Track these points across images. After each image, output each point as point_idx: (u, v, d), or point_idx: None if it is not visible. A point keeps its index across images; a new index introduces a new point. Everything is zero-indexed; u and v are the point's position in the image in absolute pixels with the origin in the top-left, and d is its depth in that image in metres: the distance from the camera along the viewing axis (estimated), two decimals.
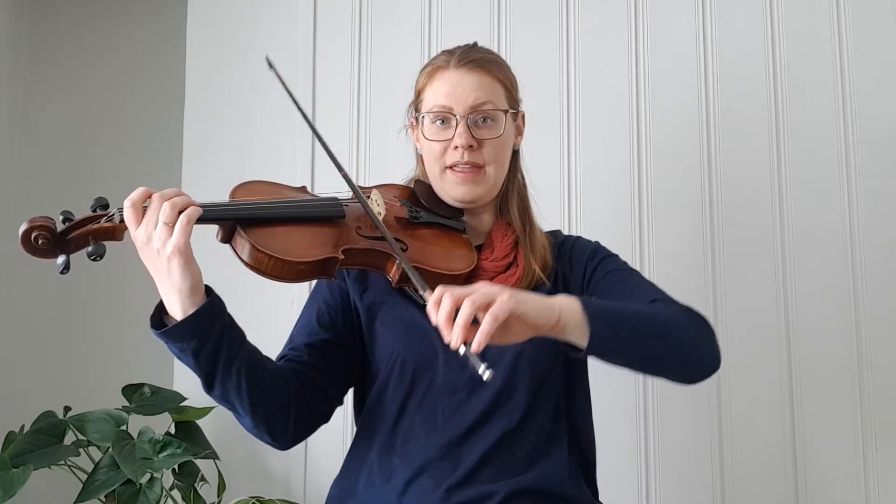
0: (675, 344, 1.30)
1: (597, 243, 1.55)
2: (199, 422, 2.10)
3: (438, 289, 1.13)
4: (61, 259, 1.22)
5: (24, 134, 2.57)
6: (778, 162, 2.13)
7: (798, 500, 2.01)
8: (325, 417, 1.44)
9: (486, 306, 1.11)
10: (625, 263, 1.51)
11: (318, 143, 2.26)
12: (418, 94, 1.52)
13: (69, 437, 2.04)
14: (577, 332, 1.19)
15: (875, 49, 2.14)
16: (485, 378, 1.08)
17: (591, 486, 1.49)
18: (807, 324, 2.07)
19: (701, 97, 2.18)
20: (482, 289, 1.13)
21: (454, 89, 1.45)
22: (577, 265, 1.50)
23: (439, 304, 1.11)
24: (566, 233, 2.06)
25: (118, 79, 2.65)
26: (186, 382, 2.16)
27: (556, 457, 1.40)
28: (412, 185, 1.55)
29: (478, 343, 1.09)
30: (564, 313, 1.18)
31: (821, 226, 2.09)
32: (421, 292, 1.17)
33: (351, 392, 1.52)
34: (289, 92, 1.42)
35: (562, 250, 1.53)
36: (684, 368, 1.35)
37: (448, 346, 1.36)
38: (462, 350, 1.09)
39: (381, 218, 1.39)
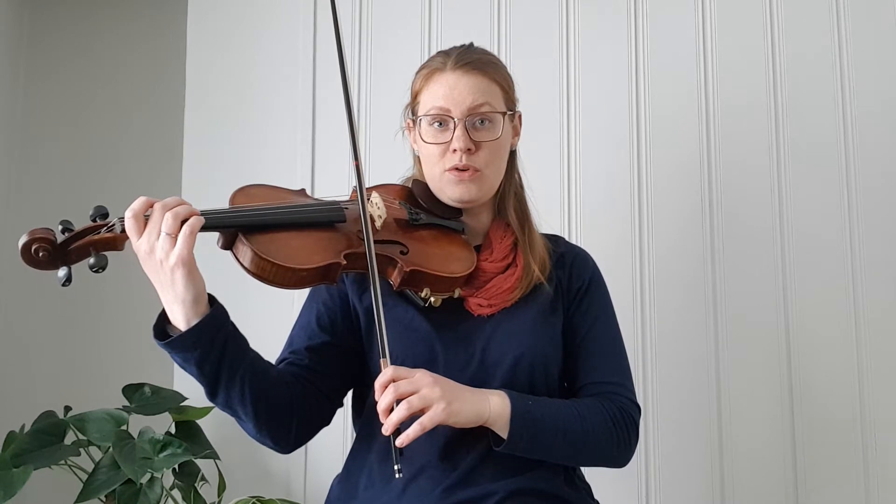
0: (586, 455, 1.40)
1: (594, 268, 1.55)
2: (200, 421, 2.10)
3: (389, 371, 1.25)
4: (62, 272, 1.20)
5: (24, 137, 2.57)
6: (778, 162, 2.13)
7: (798, 501, 2.01)
8: (327, 420, 1.44)
9: (421, 411, 1.24)
10: (609, 309, 1.54)
11: (318, 145, 2.31)
12: (415, 97, 1.51)
13: (69, 437, 2.05)
14: (502, 432, 1.32)
15: (875, 48, 2.13)
16: (396, 476, 1.23)
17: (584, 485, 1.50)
18: (807, 323, 2.07)
19: (701, 97, 2.18)
20: (424, 388, 1.25)
21: (451, 91, 1.44)
22: (573, 284, 1.51)
23: (384, 390, 1.24)
24: (567, 234, 2.09)
25: (118, 82, 2.65)
26: (187, 382, 2.16)
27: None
28: (410, 186, 1.54)
29: (400, 441, 1.23)
30: (493, 417, 1.31)
31: (821, 225, 2.09)
32: (379, 359, 1.28)
33: (350, 393, 1.52)
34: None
35: (562, 260, 1.53)
36: (588, 466, 1.48)
37: (448, 347, 1.38)
38: (391, 438, 1.24)
39: (381, 221, 1.38)
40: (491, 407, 1.30)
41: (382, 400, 1.23)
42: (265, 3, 2.40)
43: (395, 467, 1.22)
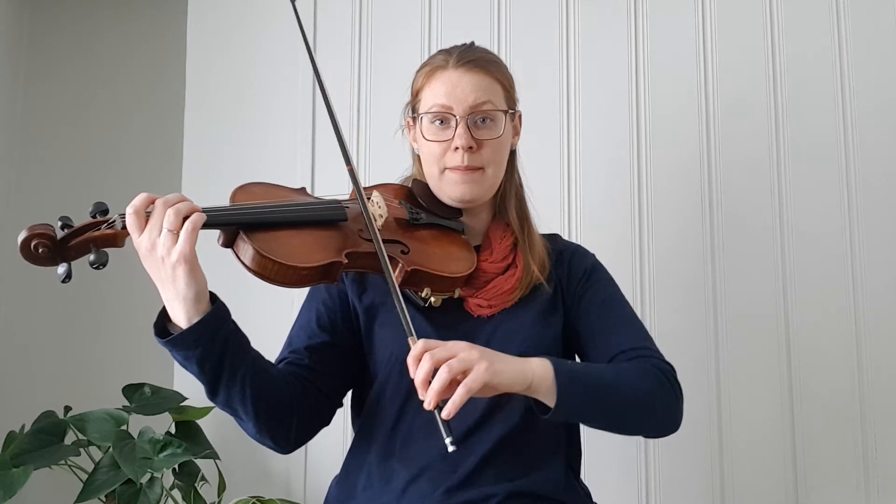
0: (637, 414, 1.36)
1: (594, 259, 1.55)
2: (200, 421, 2.10)
3: (420, 343, 1.18)
4: (62, 268, 1.19)
5: (24, 137, 2.57)
6: (777, 161, 2.13)
7: (798, 501, 2.01)
8: (327, 420, 1.44)
9: (463, 374, 1.16)
10: (617, 291, 1.52)
11: (318, 145, 2.31)
12: (416, 94, 1.51)
13: (69, 437, 2.05)
14: (547, 397, 1.25)
15: (875, 48, 2.13)
16: (449, 450, 1.13)
17: (583, 488, 1.49)
18: (807, 322, 2.07)
19: (700, 97, 2.18)
20: (461, 352, 1.18)
21: (453, 89, 1.44)
22: (573, 278, 1.50)
23: (419, 361, 1.17)
24: (567, 234, 2.09)
25: (118, 82, 2.65)
26: (187, 382, 2.16)
27: (554, 463, 1.40)
28: (410, 185, 1.54)
29: (448, 412, 1.15)
30: (536, 380, 1.24)
31: (821, 225, 2.09)
32: (407, 337, 1.22)
33: (349, 394, 1.51)
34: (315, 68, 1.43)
35: (561, 258, 1.53)
36: (641, 432, 1.45)
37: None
38: (436, 413, 1.15)
39: (382, 220, 1.38)
40: (533, 369, 1.25)
41: (420, 370, 1.16)
42: (265, 3, 2.40)
43: (447, 440, 1.13)
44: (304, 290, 2.10)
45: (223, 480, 2.07)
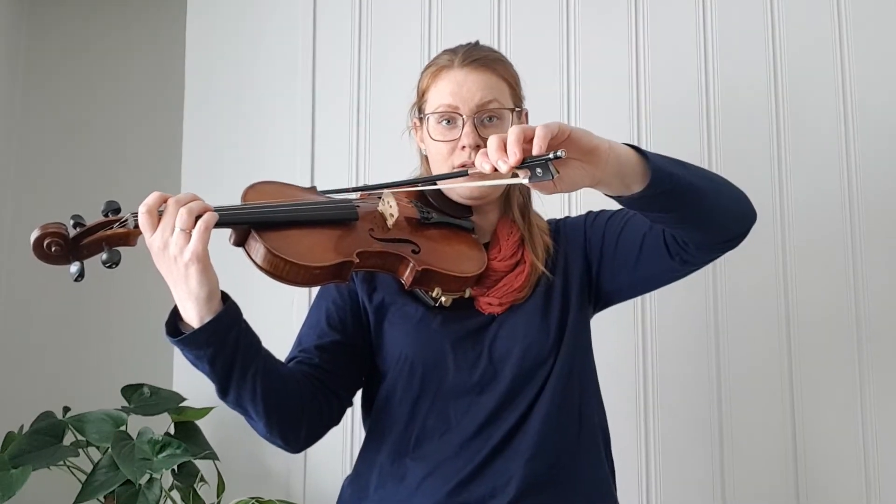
0: (722, 184, 1.32)
1: (586, 213, 1.55)
2: (199, 422, 2.09)
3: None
4: (75, 267, 1.19)
5: (23, 137, 2.55)
6: (778, 158, 2.14)
7: (798, 496, 2.02)
8: (336, 419, 1.44)
9: (532, 131, 1.08)
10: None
11: (318, 144, 2.31)
12: (422, 95, 1.51)
13: (68, 438, 2.04)
14: (630, 164, 1.17)
15: (877, 37, 2.14)
16: (561, 155, 1.05)
17: (607, 453, 1.50)
18: (807, 318, 2.08)
19: (701, 94, 2.19)
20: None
21: (459, 89, 1.44)
22: (575, 235, 1.51)
23: (486, 154, 1.10)
24: None
25: (117, 82, 2.64)
26: (186, 383, 2.16)
27: (566, 437, 1.40)
28: None
29: (538, 146, 1.06)
30: (613, 143, 1.16)
31: (821, 220, 2.10)
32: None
33: (358, 394, 1.51)
34: None
35: (559, 232, 1.53)
36: (734, 214, 1.36)
37: (457, 346, 1.38)
38: (522, 176, 1.06)
39: (394, 219, 1.38)
40: (609, 141, 1.16)
41: (490, 143, 1.09)
42: (265, 3, 2.40)
43: (551, 154, 1.05)
44: (305, 291, 2.11)
45: (222, 481, 2.06)
